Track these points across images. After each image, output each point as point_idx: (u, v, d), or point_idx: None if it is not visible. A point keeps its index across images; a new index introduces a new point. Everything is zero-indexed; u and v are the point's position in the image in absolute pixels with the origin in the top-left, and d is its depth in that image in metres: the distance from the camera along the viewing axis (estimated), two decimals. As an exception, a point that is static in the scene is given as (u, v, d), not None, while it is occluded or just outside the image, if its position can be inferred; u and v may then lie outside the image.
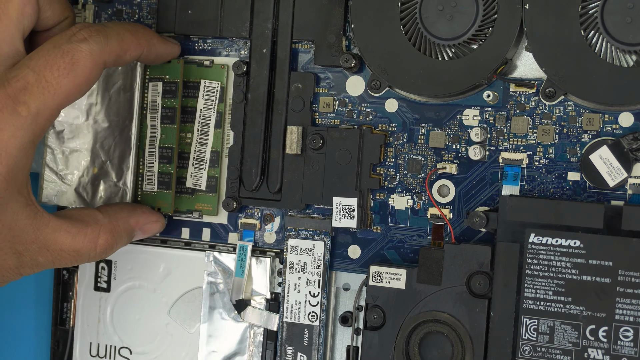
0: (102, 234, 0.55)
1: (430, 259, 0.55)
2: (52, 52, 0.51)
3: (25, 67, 0.51)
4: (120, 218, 0.57)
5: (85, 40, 0.52)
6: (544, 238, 0.52)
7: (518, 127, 0.55)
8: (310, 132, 0.58)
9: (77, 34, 0.52)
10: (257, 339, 0.60)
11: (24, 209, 0.51)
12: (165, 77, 0.60)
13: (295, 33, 0.59)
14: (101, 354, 0.64)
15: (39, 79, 0.50)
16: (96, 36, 0.53)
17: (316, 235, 0.58)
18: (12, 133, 0.49)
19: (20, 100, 0.50)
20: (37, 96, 0.50)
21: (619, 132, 0.53)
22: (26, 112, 0.50)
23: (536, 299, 0.52)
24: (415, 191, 0.57)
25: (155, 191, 0.60)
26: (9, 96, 0.49)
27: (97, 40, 0.53)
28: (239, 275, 0.60)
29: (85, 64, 0.52)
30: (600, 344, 0.51)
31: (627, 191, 0.53)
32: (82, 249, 0.54)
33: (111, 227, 0.56)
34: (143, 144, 0.61)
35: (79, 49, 0.52)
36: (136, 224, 0.58)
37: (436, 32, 0.55)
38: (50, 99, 0.50)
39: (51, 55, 0.51)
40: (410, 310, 0.55)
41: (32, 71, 0.50)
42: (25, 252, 0.52)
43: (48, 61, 0.51)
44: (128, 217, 0.57)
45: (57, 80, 0.51)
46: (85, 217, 0.55)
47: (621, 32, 0.51)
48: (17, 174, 0.50)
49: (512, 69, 0.55)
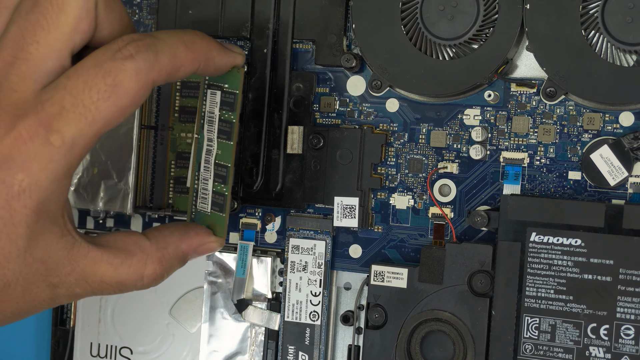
0: (149, 263, 0.50)
1: (432, 258, 0.55)
2: (92, 70, 0.45)
3: (62, 88, 0.44)
4: (170, 244, 0.51)
5: (132, 58, 0.45)
6: (545, 237, 0.52)
7: (519, 126, 0.55)
8: (311, 132, 0.58)
9: (123, 49, 0.45)
10: (258, 338, 0.60)
11: (58, 240, 0.46)
12: (224, 87, 0.52)
13: (296, 33, 0.59)
14: (102, 354, 0.64)
15: (75, 103, 0.44)
16: (144, 52, 0.46)
17: (317, 234, 0.59)
18: (43, 165, 0.44)
19: (54, 128, 0.44)
20: (73, 123, 0.44)
21: (620, 131, 0.54)
22: (60, 141, 0.44)
23: (537, 298, 0.52)
24: (417, 191, 0.57)
25: (210, 211, 0.53)
26: (42, 123, 0.44)
27: (145, 58, 0.46)
28: (240, 275, 0.60)
29: (129, 86, 0.45)
30: (602, 342, 0.51)
31: (627, 190, 0.53)
32: (127, 280, 0.49)
33: (159, 255, 0.50)
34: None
35: (124, 67, 0.45)
36: (189, 249, 0.52)
37: (437, 32, 0.55)
38: (88, 126, 0.44)
39: (91, 74, 0.45)
40: (411, 309, 0.55)
41: (69, 94, 0.44)
42: (61, 285, 0.47)
43: (87, 82, 0.44)
44: (179, 242, 0.52)
45: (96, 104, 0.44)
46: (130, 245, 0.49)
47: (622, 31, 0.51)
48: (49, 207, 0.45)
49: (513, 68, 0.55)
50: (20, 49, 0.45)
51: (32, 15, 0.45)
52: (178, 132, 0.62)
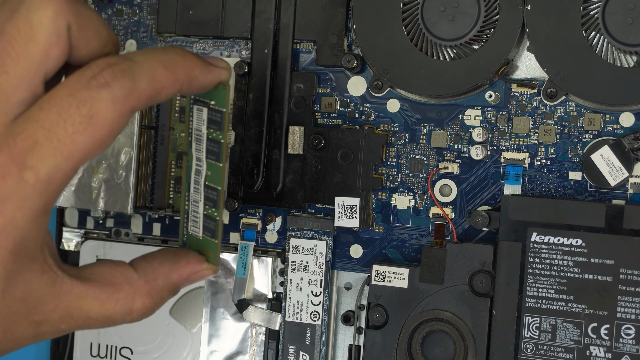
0: (137, 297, 0.47)
1: (433, 258, 0.55)
2: (65, 101, 0.42)
3: (34, 120, 0.41)
4: (159, 275, 0.48)
5: (108, 86, 0.42)
6: (546, 237, 0.52)
7: (520, 127, 0.55)
8: (312, 132, 0.58)
9: (98, 76, 0.42)
10: (259, 338, 0.60)
11: (39, 277, 0.43)
12: (210, 103, 0.48)
13: (297, 33, 0.59)
14: (102, 354, 0.64)
15: (49, 137, 0.41)
16: (120, 79, 0.42)
17: (318, 234, 0.59)
18: (17, 205, 0.41)
19: (27, 165, 0.41)
20: (47, 159, 0.41)
21: (620, 132, 0.54)
22: (34, 179, 0.41)
23: (538, 298, 0.52)
24: (417, 191, 0.58)
25: (201, 236, 0.50)
26: (14, 160, 0.41)
27: (122, 85, 0.42)
28: (240, 275, 0.60)
29: (106, 116, 0.42)
30: (602, 342, 0.51)
31: (628, 190, 0.54)
32: (115, 315, 0.46)
33: (148, 288, 0.47)
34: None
35: (99, 97, 0.42)
36: (180, 279, 0.49)
37: (438, 32, 0.55)
38: (64, 160, 0.41)
39: (65, 105, 0.42)
40: (412, 309, 0.55)
41: (42, 127, 0.41)
42: (45, 322, 0.45)
43: (61, 114, 0.41)
44: (169, 272, 0.48)
45: (71, 137, 0.41)
46: (117, 278, 0.46)
47: (622, 32, 0.52)
48: (27, 245, 0.42)
49: (514, 69, 0.56)
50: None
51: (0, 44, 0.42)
52: (178, 132, 0.62)
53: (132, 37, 0.63)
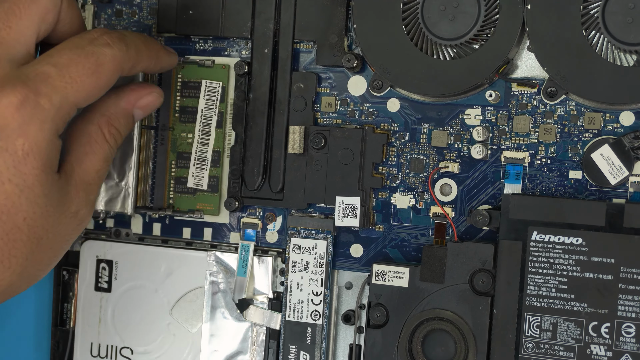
0: (104, 129, 0.54)
1: (433, 257, 0.55)
2: (74, 51, 0.50)
3: (45, 63, 0.49)
4: (109, 106, 0.54)
5: (109, 46, 0.51)
6: (547, 236, 0.52)
7: (520, 126, 0.55)
8: (312, 132, 0.58)
9: (99, 38, 0.52)
10: (259, 338, 0.60)
11: (65, 182, 0.51)
12: None
13: (297, 33, 0.59)
14: (102, 354, 0.64)
15: (61, 74, 0.49)
16: (118, 43, 0.52)
17: (319, 234, 0.59)
18: (39, 126, 0.48)
19: (42, 92, 0.48)
20: (59, 89, 0.49)
21: (620, 130, 0.54)
22: (49, 104, 0.48)
23: (539, 296, 0.52)
24: (418, 190, 0.58)
25: None
26: (30, 89, 0.47)
27: (120, 47, 0.52)
28: (241, 275, 0.60)
29: (108, 68, 0.51)
30: (603, 341, 0.51)
31: (628, 189, 0.54)
32: (105, 154, 0.54)
33: (106, 119, 0.54)
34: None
35: (103, 52, 0.51)
36: (129, 104, 0.56)
37: (438, 32, 0.55)
38: (72, 94, 0.49)
39: (75, 53, 0.50)
40: (413, 308, 0.55)
41: (54, 67, 0.49)
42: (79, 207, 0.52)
43: (72, 59, 0.50)
44: (117, 100, 0.55)
45: (81, 77, 0.50)
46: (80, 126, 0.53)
47: (622, 32, 0.52)
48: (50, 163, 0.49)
49: (514, 68, 0.56)
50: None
51: (5, 4, 0.50)
52: (178, 132, 0.62)
53: (132, 37, 0.63)
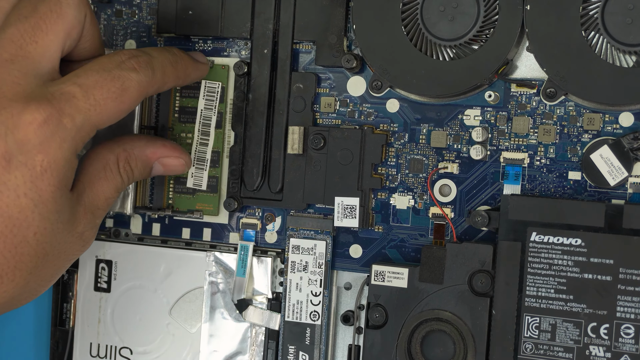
0: (121, 162, 0.55)
1: (432, 258, 0.55)
2: (101, 73, 0.51)
3: (71, 82, 0.50)
4: (135, 147, 0.56)
5: (135, 70, 0.52)
6: (546, 237, 0.52)
7: (519, 127, 0.55)
8: (311, 132, 0.58)
9: (127, 62, 0.52)
10: (258, 338, 0.60)
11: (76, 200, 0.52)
12: None
13: (297, 33, 0.59)
14: (101, 354, 0.64)
15: (86, 95, 0.50)
16: (145, 69, 0.53)
17: (318, 234, 0.59)
18: (58, 145, 0.49)
19: (65, 112, 0.49)
20: (82, 110, 0.49)
21: (620, 131, 0.54)
22: (71, 124, 0.49)
23: (538, 297, 0.52)
24: (417, 191, 0.58)
25: None
26: (54, 108, 0.48)
27: (146, 73, 0.53)
28: (240, 275, 0.60)
29: (132, 94, 0.52)
30: (602, 342, 0.51)
31: (627, 190, 0.54)
32: (116, 185, 0.55)
33: (126, 155, 0.56)
34: None
35: (129, 77, 0.51)
36: (154, 155, 0.57)
37: (437, 32, 0.55)
38: (95, 116, 0.50)
39: (101, 76, 0.50)
40: (412, 308, 0.55)
41: (79, 87, 0.50)
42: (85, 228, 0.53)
43: (98, 81, 0.50)
44: (145, 146, 0.57)
45: (105, 101, 0.50)
46: (100, 151, 0.55)
47: (621, 32, 0.52)
48: (67, 182, 0.50)
49: (513, 69, 0.56)
50: (20, 47, 0.50)
51: (32, 19, 0.50)
52: (178, 132, 0.62)
53: (131, 38, 0.63)
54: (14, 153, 0.48)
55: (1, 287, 0.49)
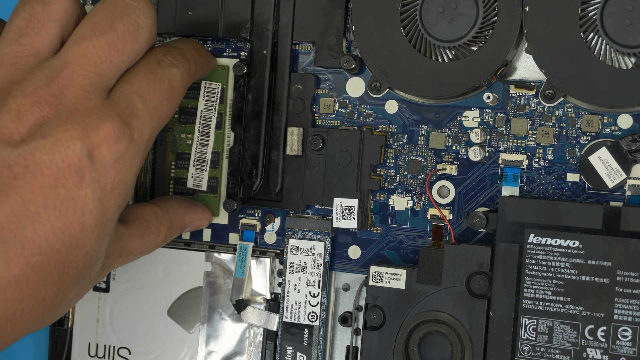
0: (162, 230, 0.57)
1: (430, 260, 0.55)
2: (150, 76, 0.50)
3: (130, 91, 0.49)
4: (177, 215, 0.58)
5: (175, 66, 0.52)
6: (543, 238, 0.52)
7: (518, 128, 0.55)
8: (310, 133, 0.58)
9: (164, 58, 0.52)
10: (256, 339, 0.60)
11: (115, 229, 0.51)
12: None
13: (296, 34, 0.59)
14: (100, 354, 0.64)
15: (146, 104, 0.50)
16: (182, 61, 0.53)
17: (316, 235, 0.59)
18: (130, 162, 0.48)
19: (134, 127, 0.49)
20: (147, 122, 0.49)
21: (618, 133, 0.54)
22: (140, 138, 0.49)
23: (535, 299, 0.52)
24: (415, 192, 0.58)
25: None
26: (125, 124, 0.48)
27: (184, 66, 0.53)
28: (239, 276, 0.60)
29: (179, 89, 0.52)
30: (599, 344, 0.51)
31: (625, 192, 0.54)
32: (148, 247, 0.55)
33: (169, 223, 0.57)
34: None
35: (173, 74, 0.52)
36: (190, 221, 0.59)
37: (436, 34, 0.55)
38: (158, 123, 0.51)
39: (151, 79, 0.50)
40: (410, 310, 0.55)
41: (139, 96, 0.49)
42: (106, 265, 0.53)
43: (150, 86, 0.50)
44: (184, 214, 0.59)
45: (161, 105, 0.50)
46: (148, 216, 0.56)
47: (620, 34, 0.52)
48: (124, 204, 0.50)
49: (512, 70, 0.56)
50: (94, 65, 0.48)
51: (109, 36, 0.49)
52: (178, 133, 0.62)
53: (132, 38, 0.63)
54: (87, 169, 0.46)
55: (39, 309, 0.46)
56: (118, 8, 0.50)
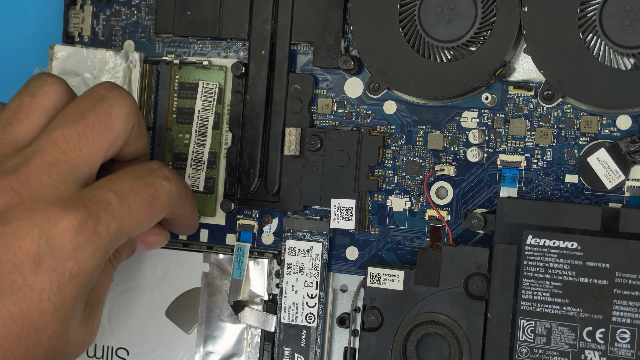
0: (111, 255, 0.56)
1: (428, 261, 0.55)
2: (135, 180, 0.51)
3: (107, 189, 0.50)
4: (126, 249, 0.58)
5: (167, 179, 0.53)
6: (542, 240, 0.52)
7: (516, 129, 0.55)
8: (308, 134, 0.58)
9: (159, 170, 0.53)
10: (254, 340, 0.60)
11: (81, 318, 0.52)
12: None
13: (294, 35, 0.59)
14: (98, 355, 0.64)
15: (121, 202, 0.50)
16: (176, 178, 0.54)
17: (314, 236, 0.59)
18: (91, 253, 0.49)
19: (101, 220, 0.49)
20: (117, 218, 0.50)
21: (617, 134, 0.53)
22: (106, 232, 0.49)
23: (533, 301, 0.52)
24: (414, 193, 0.57)
25: None
26: (91, 215, 0.49)
27: (177, 183, 0.54)
28: (236, 277, 0.60)
29: (163, 202, 0.52)
30: (597, 346, 0.51)
31: (624, 194, 0.53)
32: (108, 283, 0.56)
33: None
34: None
35: (162, 185, 0.52)
36: (137, 237, 0.58)
37: (435, 34, 0.55)
38: (128, 223, 0.51)
39: (135, 183, 0.51)
40: (407, 311, 0.55)
41: (115, 194, 0.50)
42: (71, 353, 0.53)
43: (132, 188, 0.51)
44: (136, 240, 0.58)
45: (138, 208, 0.51)
46: None
47: (619, 35, 0.51)
48: (88, 288, 0.50)
49: (511, 71, 0.55)
50: (63, 152, 0.49)
51: (79, 125, 0.50)
52: (175, 133, 0.62)
53: (130, 38, 0.63)
54: (45, 257, 0.47)
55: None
56: (92, 99, 0.51)
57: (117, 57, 0.60)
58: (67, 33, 0.64)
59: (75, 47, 0.60)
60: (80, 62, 0.60)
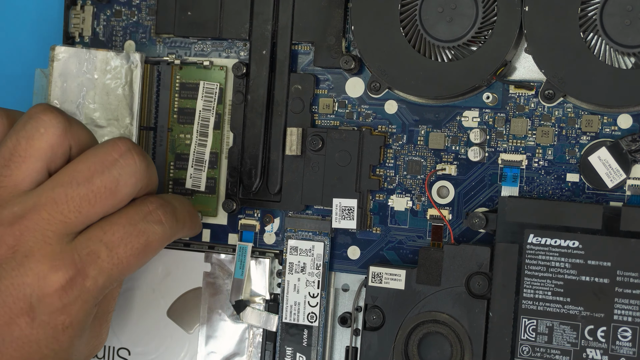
0: None
1: (430, 260, 0.55)
2: (127, 228, 0.51)
3: (98, 240, 0.51)
4: None
5: (161, 223, 0.53)
6: (543, 239, 0.52)
7: (517, 128, 0.55)
8: (310, 134, 0.58)
9: (153, 213, 0.53)
10: (256, 339, 0.60)
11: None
12: None
13: (295, 35, 0.59)
14: (99, 355, 0.64)
15: (111, 255, 0.51)
16: (170, 220, 0.53)
17: (316, 236, 0.59)
18: (80, 306, 0.51)
19: (89, 275, 0.50)
20: (106, 271, 0.51)
21: (618, 133, 0.54)
22: (94, 286, 0.50)
23: (535, 300, 0.52)
24: (415, 192, 0.58)
25: None
26: (80, 273, 0.50)
27: (171, 224, 0.54)
28: (238, 276, 0.60)
29: (155, 247, 0.53)
30: (599, 344, 0.51)
31: (625, 192, 0.53)
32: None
33: None
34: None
35: (154, 231, 0.52)
36: None
37: (436, 34, 0.55)
38: (117, 273, 0.51)
39: (127, 232, 0.51)
40: (409, 310, 0.55)
41: (105, 246, 0.51)
42: None
43: (123, 239, 0.51)
44: None
45: (128, 258, 0.51)
46: None
47: (620, 34, 0.51)
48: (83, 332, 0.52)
49: (512, 70, 0.55)
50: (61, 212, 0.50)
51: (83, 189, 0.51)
52: (177, 134, 0.62)
53: (130, 38, 0.63)
54: (37, 312, 0.50)
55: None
56: (104, 162, 0.51)
57: (118, 57, 0.60)
58: (67, 34, 0.64)
59: (76, 48, 0.60)
60: (81, 63, 0.60)
